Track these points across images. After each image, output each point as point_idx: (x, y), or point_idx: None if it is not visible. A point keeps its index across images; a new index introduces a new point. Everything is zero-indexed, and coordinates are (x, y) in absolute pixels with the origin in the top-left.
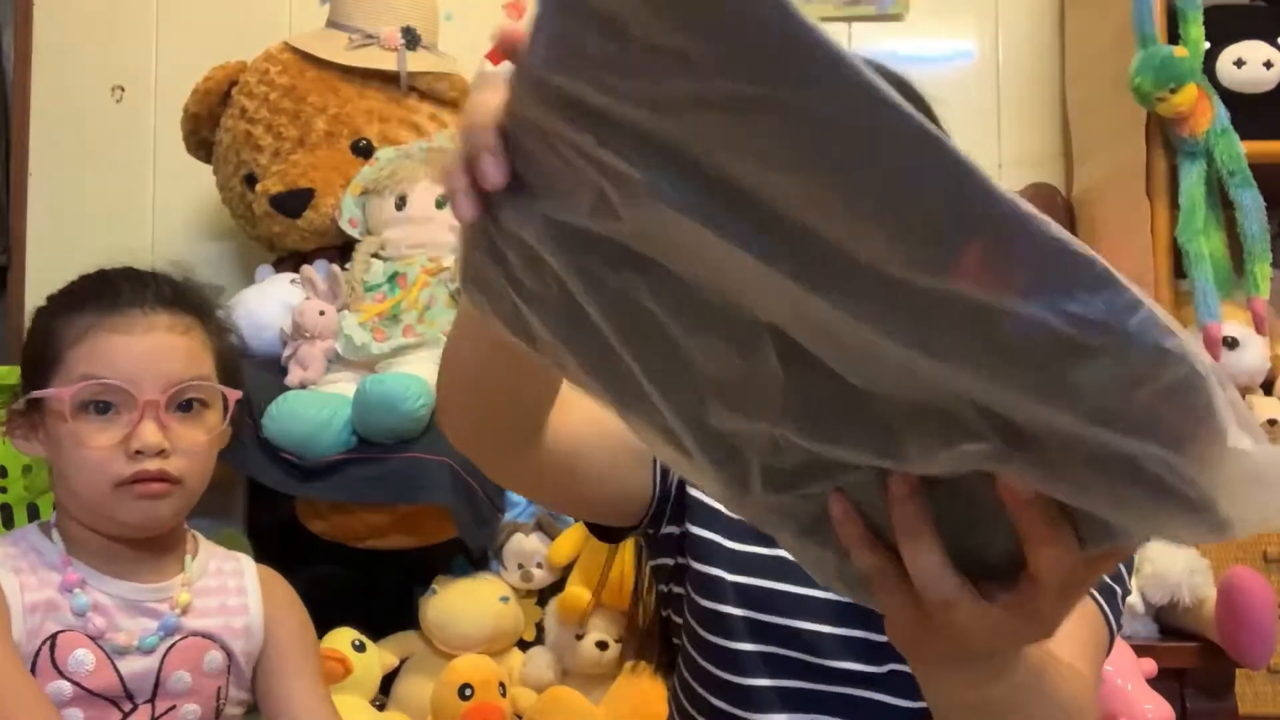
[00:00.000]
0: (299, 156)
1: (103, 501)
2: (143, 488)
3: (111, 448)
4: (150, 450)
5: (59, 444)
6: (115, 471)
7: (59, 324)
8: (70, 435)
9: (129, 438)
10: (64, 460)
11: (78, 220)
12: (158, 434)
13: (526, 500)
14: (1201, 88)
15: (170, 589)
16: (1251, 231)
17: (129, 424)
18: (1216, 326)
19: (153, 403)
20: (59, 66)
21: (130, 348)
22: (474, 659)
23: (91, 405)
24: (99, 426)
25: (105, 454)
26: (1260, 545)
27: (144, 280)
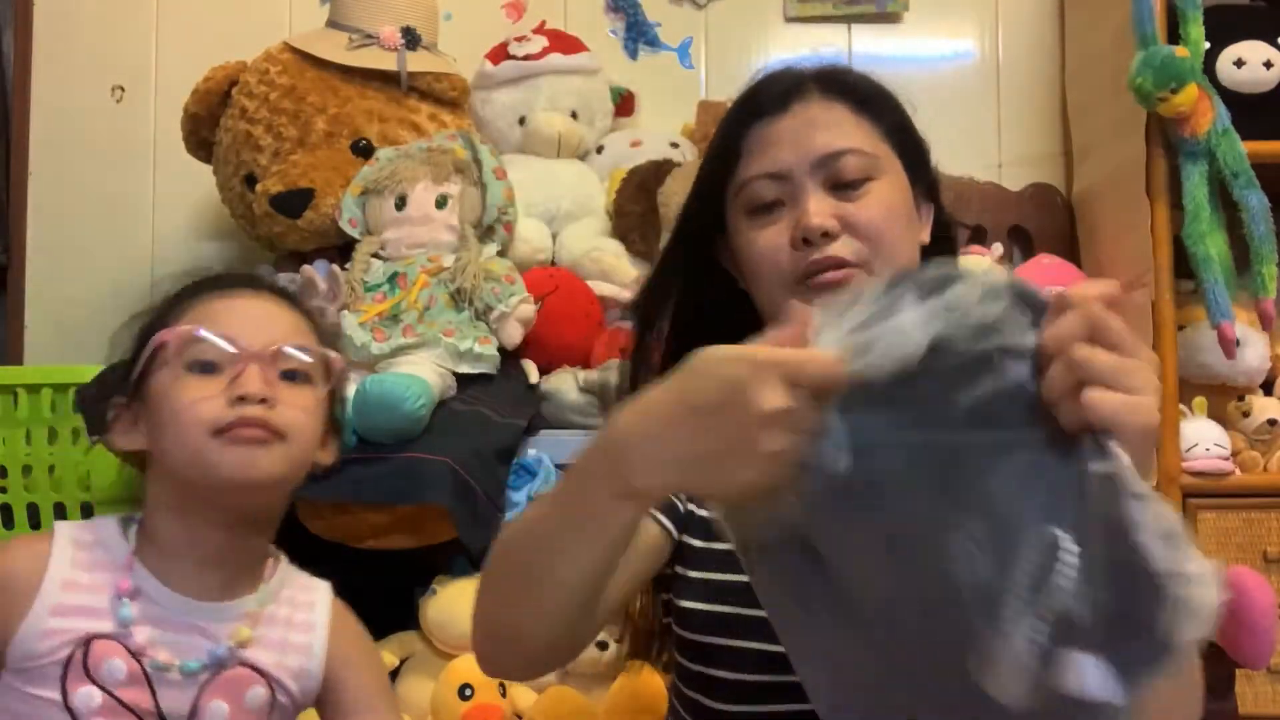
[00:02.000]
0: (299, 156)
1: (199, 451)
2: (242, 431)
3: (212, 396)
4: (253, 397)
5: (158, 410)
6: (213, 416)
7: (162, 310)
8: (171, 389)
9: (231, 385)
10: (162, 419)
11: (78, 220)
12: (260, 382)
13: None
14: (1202, 88)
15: (233, 613)
16: (1258, 233)
17: (232, 375)
18: (1231, 326)
19: (256, 355)
20: (59, 66)
21: (235, 310)
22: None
23: (196, 365)
24: (200, 380)
25: (204, 402)
26: (1260, 545)
27: (254, 277)
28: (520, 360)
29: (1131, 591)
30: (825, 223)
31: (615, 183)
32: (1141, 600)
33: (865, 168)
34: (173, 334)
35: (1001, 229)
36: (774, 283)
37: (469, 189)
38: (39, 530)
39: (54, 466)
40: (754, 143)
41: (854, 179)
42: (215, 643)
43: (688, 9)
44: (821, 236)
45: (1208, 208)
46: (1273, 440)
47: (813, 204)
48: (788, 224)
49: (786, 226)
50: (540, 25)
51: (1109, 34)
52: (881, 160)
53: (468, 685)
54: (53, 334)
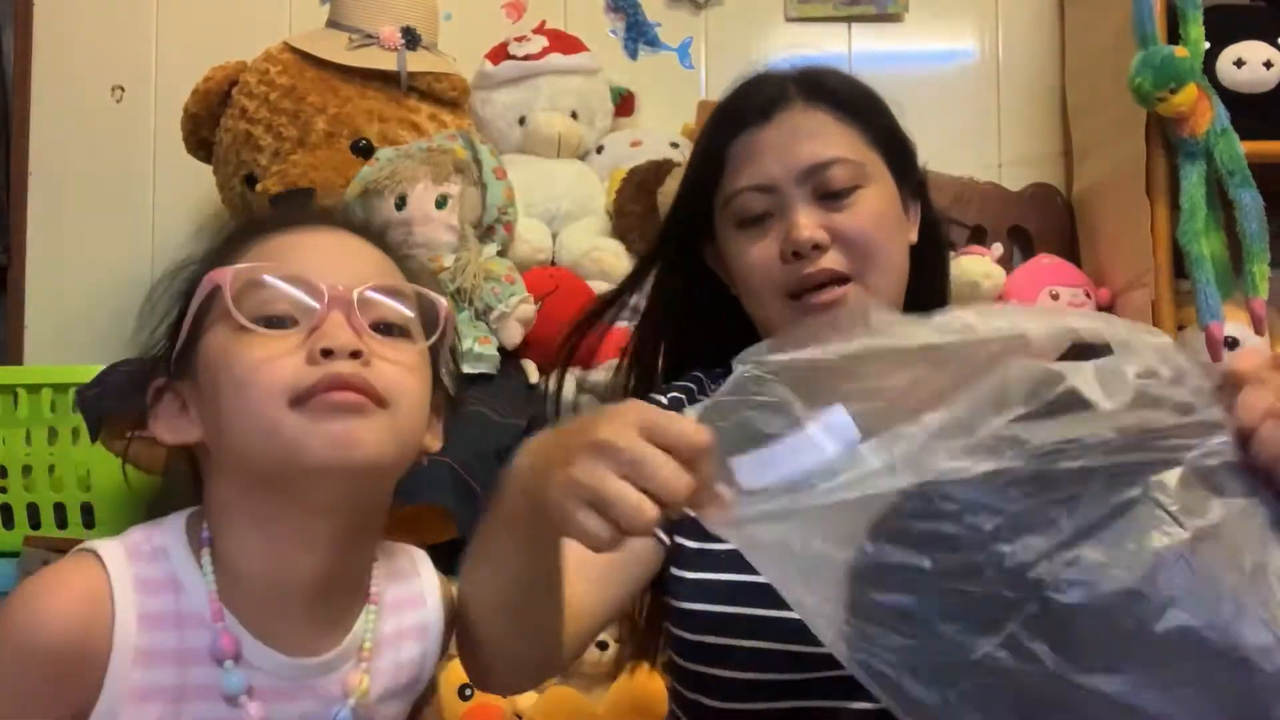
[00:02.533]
0: (299, 156)
1: (277, 428)
2: (333, 396)
3: (286, 355)
4: (342, 350)
5: (216, 381)
6: (292, 378)
7: (210, 256)
8: (231, 349)
9: (312, 337)
10: (222, 391)
11: (78, 220)
12: (349, 331)
13: None
14: (1201, 88)
15: (343, 660)
16: (1251, 231)
17: (310, 332)
18: (1219, 326)
19: (342, 299)
20: (59, 66)
21: (306, 246)
22: None
23: (262, 320)
24: (270, 336)
25: (277, 361)
26: None
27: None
28: (520, 360)
29: None
30: (815, 235)
31: (615, 183)
32: None
33: (852, 176)
34: (228, 274)
35: (1001, 229)
36: (766, 295)
37: (469, 189)
38: (70, 554)
39: (54, 466)
40: (739, 153)
41: (842, 188)
42: (331, 703)
43: (688, 9)
44: (812, 249)
45: (1204, 207)
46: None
47: (801, 217)
48: (777, 236)
49: (776, 239)
50: (540, 25)
51: (1109, 34)
52: (868, 167)
53: (468, 685)
54: (53, 334)
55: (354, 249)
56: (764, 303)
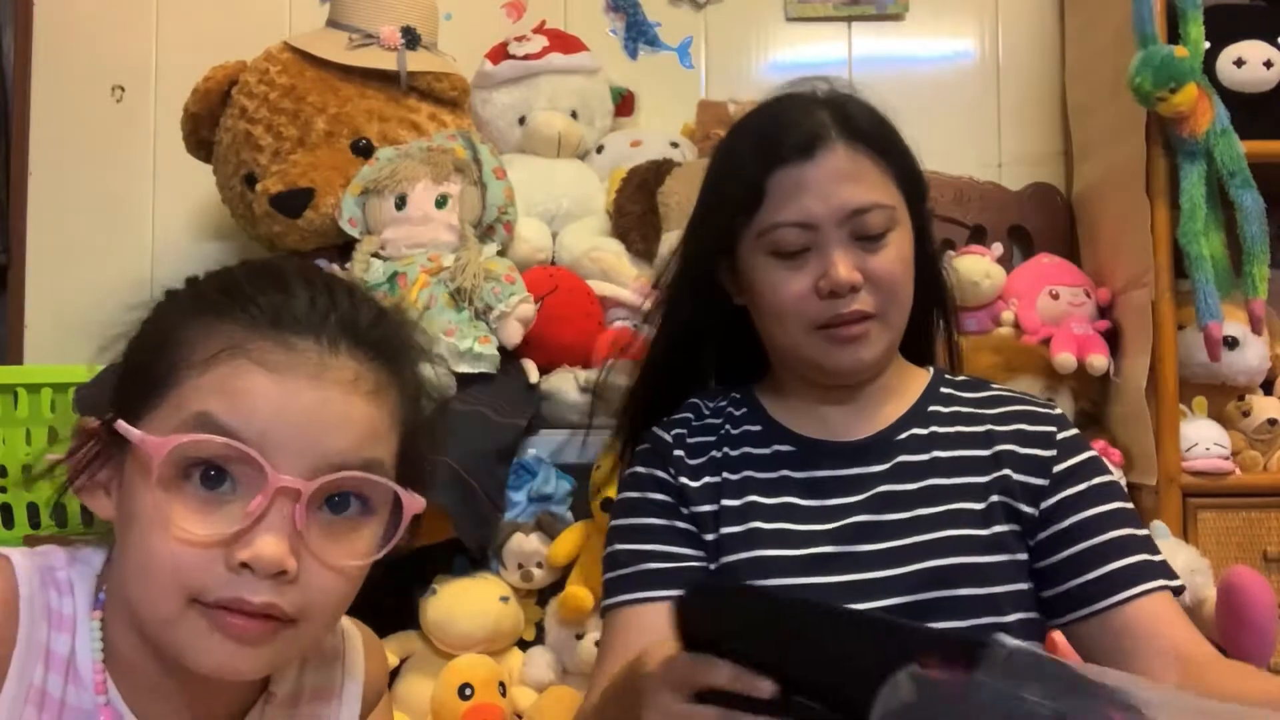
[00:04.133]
0: (299, 156)
1: (169, 621)
2: (233, 621)
3: (202, 545)
4: (265, 570)
5: (129, 520)
6: (199, 585)
7: (187, 329)
8: (152, 508)
9: (239, 540)
10: (130, 541)
11: (78, 220)
12: (280, 547)
13: (526, 500)
14: (1201, 88)
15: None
16: (1251, 233)
17: (243, 516)
18: (1218, 326)
19: (290, 491)
20: (59, 66)
21: (281, 395)
22: (474, 659)
23: (198, 472)
24: (196, 505)
25: (192, 554)
26: (1260, 545)
27: (331, 292)
28: (520, 360)
29: None
30: (852, 278)
31: (615, 182)
32: None
33: (887, 221)
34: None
35: (1001, 229)
36: (795, 325)
37: (469, 189)
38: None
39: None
40: (781, 187)
41: (877, 233)
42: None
43: (687, 9)
44: (849, 291)
45: (1204, 207)
46: (1273, 440)
47: (839, 258)
48: (812, 272)
49: (811, 274)
50: (540, 25)
51: (1109, 34)
52: (897, 210)
53: (468, 685)
54: (53, 334)
55: (334, 414)
56: (790, 331)
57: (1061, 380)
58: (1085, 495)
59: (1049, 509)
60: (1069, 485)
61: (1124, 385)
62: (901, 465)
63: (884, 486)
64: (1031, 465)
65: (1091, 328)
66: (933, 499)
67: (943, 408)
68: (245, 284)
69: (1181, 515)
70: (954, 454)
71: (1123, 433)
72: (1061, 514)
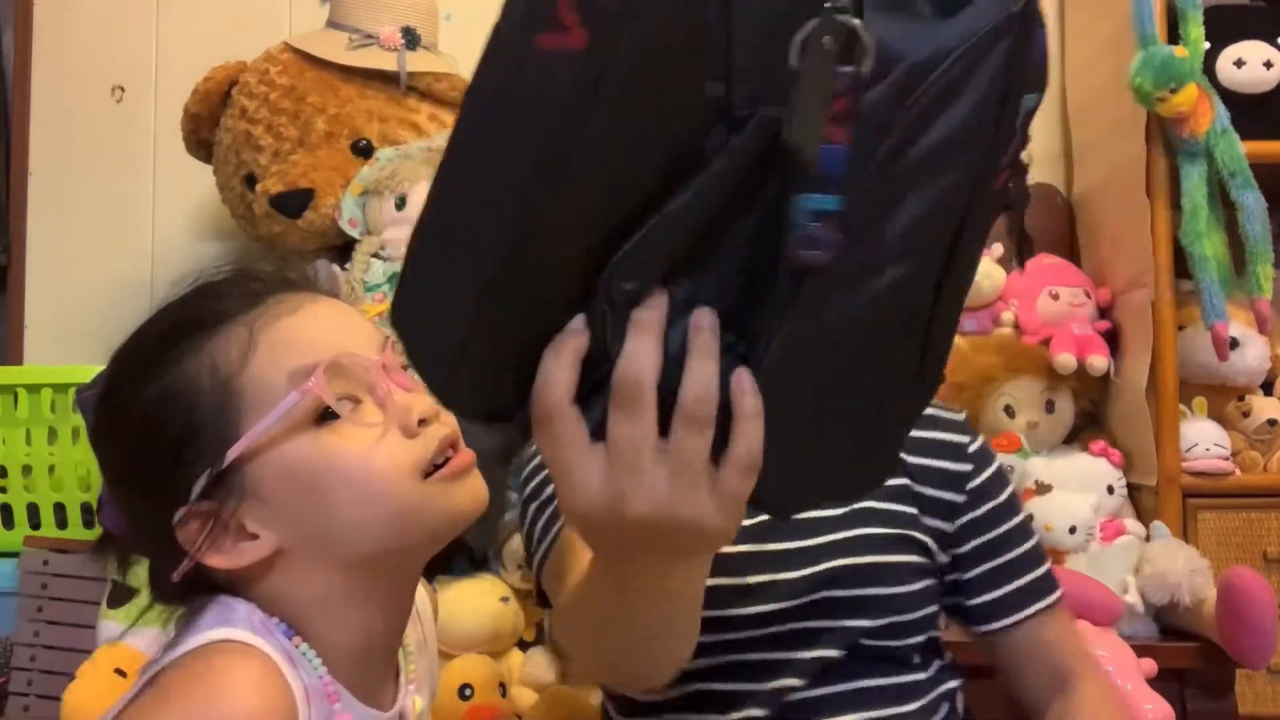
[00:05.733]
0: (299, 156)
1: (418, 503)
2: (458, 458)
3: (384, 437)
4: (432, 416)
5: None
6: (415, 458)
7: (199, 361)
8: (331, 451)
9: (397, 412)
10: (328, 495)
11: (78, 220)
12: (421, 395)
13: None
14: (1201, 88)
15: (401, 698)
16: (1254, 232)
17: (375, 408)
18: (1224, 325)
19: (387, 363)
20: (59, 66)
21: (318, 317)
22: (474, 659)
23: (328, 411)
24: (357, 426)
25: (386, 446)
26: (1260, 545)
27: (267, 269)
28: None
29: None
30: None
31: None
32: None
33: None
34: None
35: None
36: None
37: None
38: (211, 647)
39: (54, 466)
40: None
41: None
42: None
43: None
44: None
45: (1206, 207)
46: (1273, 440)
47: None
48: None
49: None
50: None
51: (1109, 34)
52: None
53: (468, 685)
54: (53, 334)
55: (341, 309)
56: None
57: (1061, 380)
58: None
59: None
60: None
61: (1124, 385)
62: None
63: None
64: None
65: (1091, 328)
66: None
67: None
68: (202, 306)
69: (1181, 515)
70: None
71: (1123, 433)
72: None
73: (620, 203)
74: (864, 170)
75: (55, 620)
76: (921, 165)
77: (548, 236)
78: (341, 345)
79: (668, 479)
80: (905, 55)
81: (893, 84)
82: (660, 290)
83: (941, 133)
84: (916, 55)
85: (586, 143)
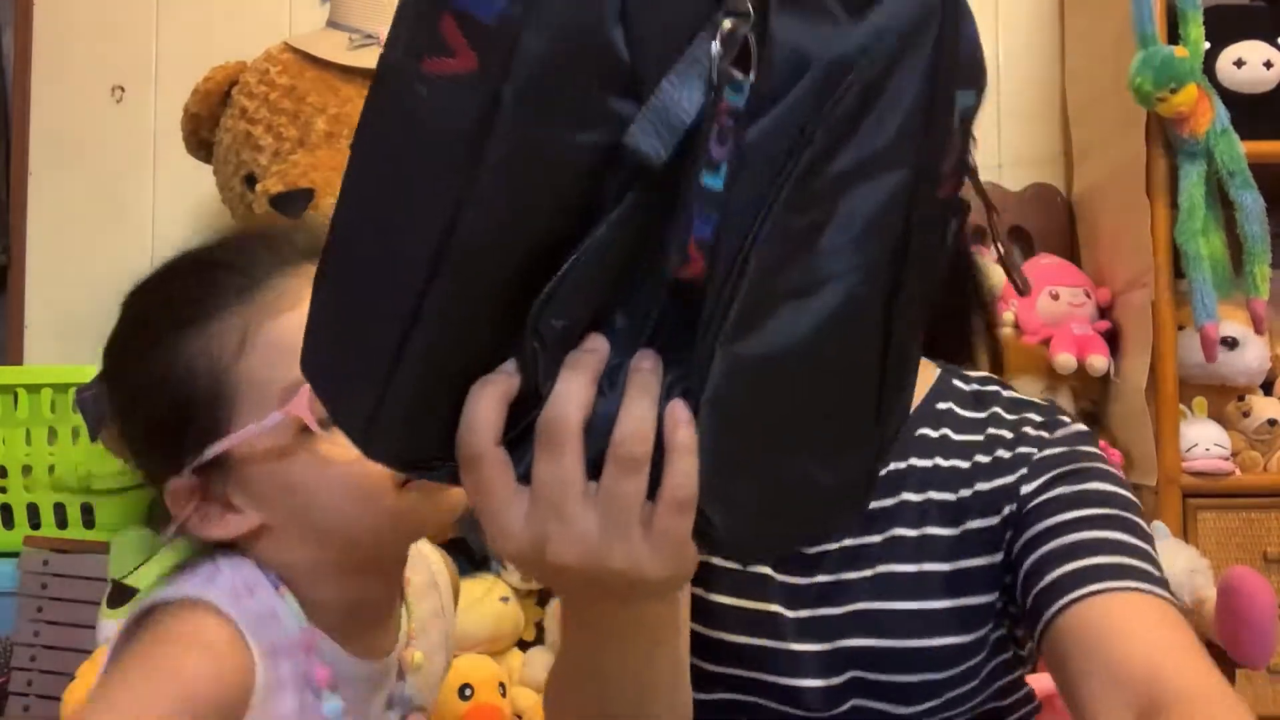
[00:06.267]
0: (299, 156)
1: (395, 515)
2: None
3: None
4: None
5: (289, 484)
6: (393, 473)
7: (194, 346)
8: (320, 463)
9: None
10: (314, 498)
11: (78, 220)
12: None
13: None
14: (1201, 88)
15: (397, 649)
16: (1252, 232)
17: None
18: (1214, 326)
19: None
20: (59, 66)
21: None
22: (474, 659)
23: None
24: (335, 440)
25: (370, 462)
26: (1260, 545)
27: (264, 244)
28: None
29: None
30: None
31: None
32: None
33: None
34: (303, 407)
35: (1001, 229)
36: None
37: None
38: (180, 607)
39: (54, 466)
40: None
41: None
42: (394, 684)
43: None
44: None
45: (1203, 207)
46: (1273, 440)
47: None
48: None
49: None
50: None
51: (1109, 34)
52: None
53: (468, 685)
54: (53, 334)
55: None
56: None
57: (1061, 380)
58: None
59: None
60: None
61: (1124, 385)
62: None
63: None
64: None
65: (1091, 328)
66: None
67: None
68: (199, 286)
69: (1181, 516)
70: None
71: (1122, 433)
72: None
73: (537, 229)
74: (771, 181)
75: (55, 620)
76: (851, 173)
77: (464, 269)
78: None
79: (597, 524)
80: (818, 56)
81: (808, 88)
82: (596, 332)
83: (869, 137)
84: (830, 55)
85: (492, 168)
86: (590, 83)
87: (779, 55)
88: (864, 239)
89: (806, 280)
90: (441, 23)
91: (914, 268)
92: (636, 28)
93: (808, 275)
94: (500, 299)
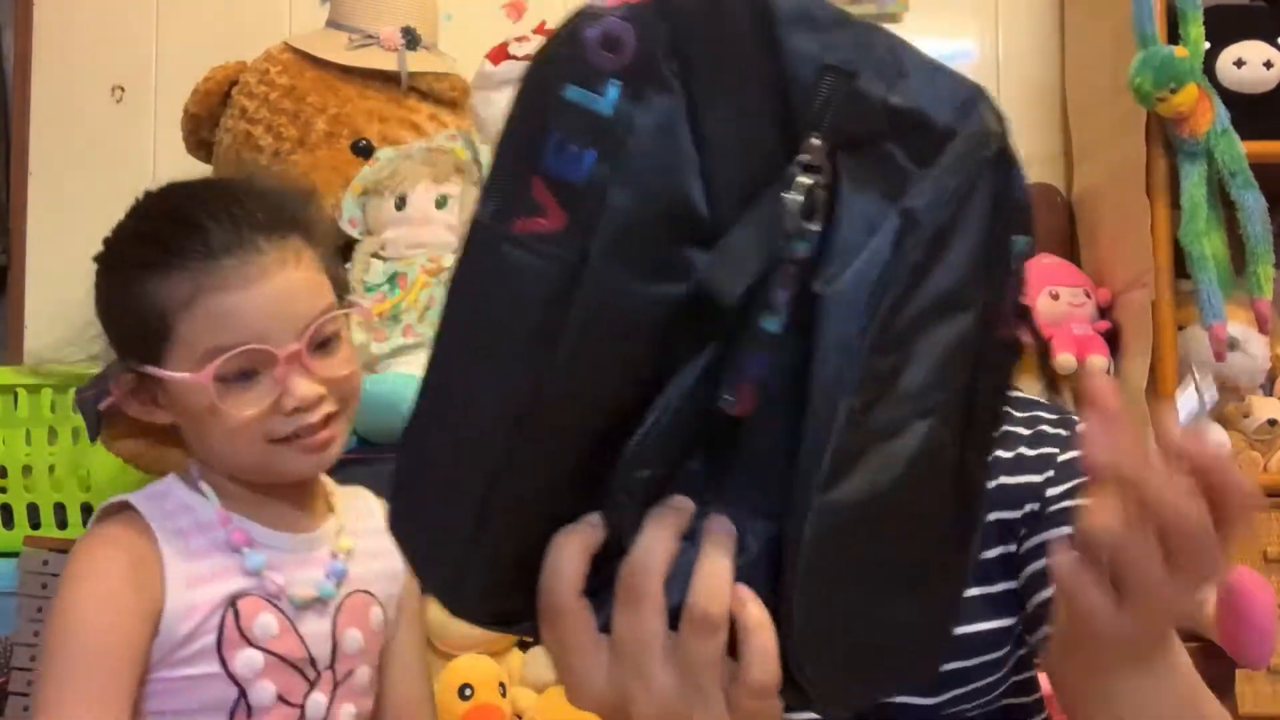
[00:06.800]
0: (299, 157)
1: (263, 459)
2: (308, 440)
3: (264, 412)
4: (309, 404)
5: (193, 413)
6: (273, 430)
7: (154, 286)
8: (210, 411)
9: (281, 397)
10: (205, 430)
11: (78, 220)
12: (311, 385)
13: None
14: (1201, 88)
15: (326, 536)
16: (1254, 233)
17: (274, 383)
18: (1222, 327)
19: (294, 354)
20: (59, 66)
21: (252, 303)
22: (474, 659)
23: (231, 375)
24: (240, 394)
25: (259, 419)
26: (1260, 545)
27: (231, 213)
28: None
29: None
30: None
31: None
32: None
33: None
34: (205, 374)
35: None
36: None
37: (469, 189)
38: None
39: (54, 466)
40: None
41: None
42: (325, 564)
43: None
44: None
45: (1205, 207)
46: (1273, 440)
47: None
48: None
49: None
50: (540, 26)
51: (1109, 34)
52: None
53: (468, 685)
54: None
55: (290, 293)
56: None
57: (1061, 380)
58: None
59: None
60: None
61: (1124, 385)
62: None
63: None
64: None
65: (1091, 328)
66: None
67: None
68: (170, 238)
69: None
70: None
71: None
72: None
73: (620, 381)
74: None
75: None
76: (927, 314)
77: (548, 424)
78: (264, 334)
79: (677, 681)
80: (891, 207)
81: (885, 238)
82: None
83: (940, 281)
84: (904, 205)
85: (579, 321)
86: (671, 235)
87: (850, 208)
88: (940, 378)
89: (891, 423)
90: (533, 186)
91: (982, 408)
92: (714, 181)
93: (892, 417)
94: (580, 453)
